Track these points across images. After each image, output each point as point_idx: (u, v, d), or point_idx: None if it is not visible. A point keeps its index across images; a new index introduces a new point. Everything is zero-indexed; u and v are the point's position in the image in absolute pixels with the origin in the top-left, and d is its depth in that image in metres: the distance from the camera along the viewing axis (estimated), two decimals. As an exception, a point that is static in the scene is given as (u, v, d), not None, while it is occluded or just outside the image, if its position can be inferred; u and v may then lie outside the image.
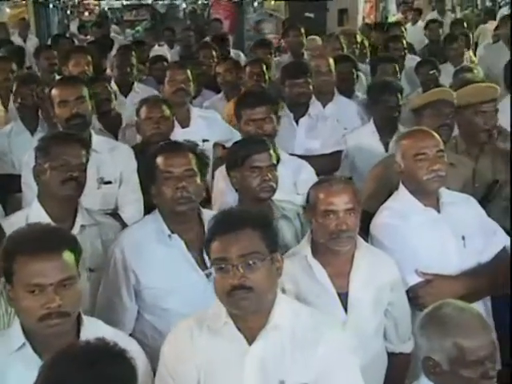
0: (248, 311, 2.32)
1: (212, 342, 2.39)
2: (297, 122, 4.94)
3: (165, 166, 3.04)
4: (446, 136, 3.87)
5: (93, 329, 2.33)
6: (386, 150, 4.64)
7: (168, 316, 2.91)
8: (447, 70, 6.43)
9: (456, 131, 4.19)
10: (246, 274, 2.27)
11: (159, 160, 3.06)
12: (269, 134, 3.95)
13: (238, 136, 4.26)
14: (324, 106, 5.34)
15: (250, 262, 2.28)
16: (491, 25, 10.48)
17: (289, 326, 2.38)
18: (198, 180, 3.07)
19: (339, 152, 4.86)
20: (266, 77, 5.59)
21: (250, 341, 2.37)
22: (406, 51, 7.00)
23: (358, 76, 5.90)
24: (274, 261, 2.36)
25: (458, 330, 2.38)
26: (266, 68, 5.69)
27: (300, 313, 2.45)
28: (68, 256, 2.29)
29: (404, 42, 7.04)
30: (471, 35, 8.75)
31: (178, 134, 4.34)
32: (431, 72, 6.00)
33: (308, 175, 4.00)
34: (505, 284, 3.35)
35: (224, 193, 3.80)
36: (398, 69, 5.80)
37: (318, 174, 4.40)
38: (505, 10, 14.10)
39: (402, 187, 3.43)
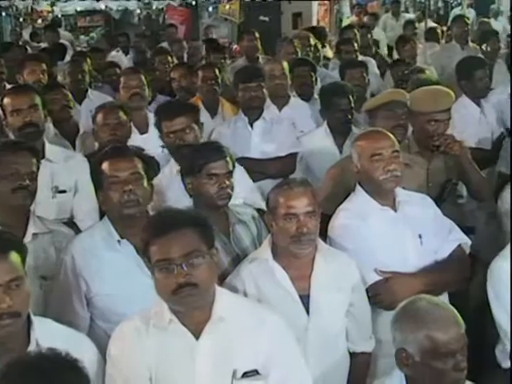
0: (194, 307, 2.40)
1: (160, 340, 2.44)
2: (252, 125, 4.95)
3: (111, 171, 3.06)
4: (401, 136, 3.91)
5: (44, 328, 2.37)
6: (341, 152, 4.67)
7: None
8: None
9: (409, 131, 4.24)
10: (189, 271, 2.35)
11: (105, 165, 3.09)
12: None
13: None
14: (280, 110, 5.37)
15: (193, 260, 2.37)
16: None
17: (232, 316, 2.46)
18: (145, 183, 3.09)
19: (295, 154, 4.88)
20: (219, 81, 5.60)
21: (197, 335, 2.43)
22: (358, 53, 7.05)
23: (316, 79, 5.92)
24: (212, 256, 2.45)
25: (430, 322, 2.43)
26: (220, 72, 5.69)
27: (240, 302, 2.59)
28: (15, 257, 2.32)
29: (356, 45, 7.10)
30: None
31: (137, 140, 4.31)
32: (405, 72, 6.09)
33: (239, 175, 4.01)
34: (461, 281, 3.42)
35: None
36: (365, 73, 5.84)
37: (273, 177, 4.44)
38: (457, 11, 14.34)
39: (358, 188, 3.46)
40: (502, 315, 2.96)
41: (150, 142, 4.19)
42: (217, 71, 5.63)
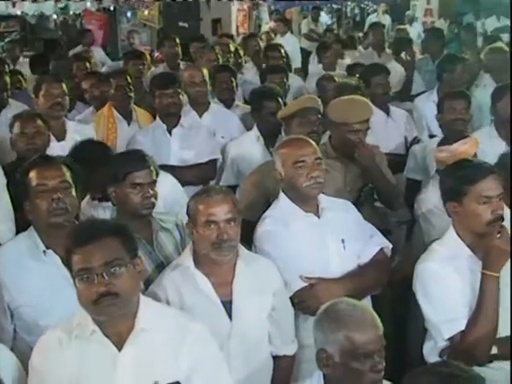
0: (115, 316, 2.40)
1: (82, 351, 2.43)
2: (170, 132, 4.93)
3: (38, 180, 3.05)
4: (315, 142, 3.96)
5: None
6: (271, 155, 4.68)
7: None
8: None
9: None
10: (110, 280, 2.36)
11: (32, 174, 3.07)
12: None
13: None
14: (200, 116, 5.37)
15: (114, 269, 2.37)
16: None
17: (156, 326, 2.47)
18: (73, 192, 3.08)
19: (214, 161, 4.91)
20: (132, 88, 5.57)
21: (120, 346, 2.43)
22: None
23: (237, 85, 5.95)
24: (135, 265, 2.45)
25: (350, 324, 2.48)
26: (136, 78, 5.65)
27: (164, 312, 2.59)
28: None
29: (282, 50, 7.16)
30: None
31: (54, 148, 4.28)
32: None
33: (170, 186, 4.03)
34: (383, 284, 3.48)
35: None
36: (285, 79, 5.89)
37: (193, 184, 4.44)
38: (373, 17, 14.64)
39: (282, 195, 3.49)
40: (432, 312, 3.02)
41: (67, 149, 4.14)
42: (129, 78, 5.60)
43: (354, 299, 2.73)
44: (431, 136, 5.48)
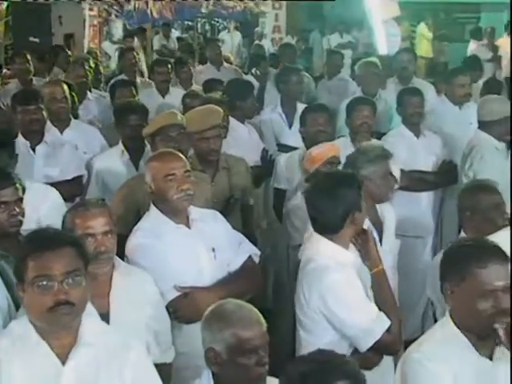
0: (67, 326, 2.42)
1: (26, 362, 2.41)
2: (34, 149, 4.88)
3: None
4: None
5: None
6: (137, 169, 4.73)
7: None
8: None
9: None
10: (69, 290, 2.39)
11: None
12: None
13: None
14: (61, 132, 5.33)
15: (74, 279, 2.40)
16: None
17: (99, 341, 2.48)
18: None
19: (80, 177, 4.89)
20: None
21: (64, 359, 2.43)
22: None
23: (81, 100, 6.03)
24: (86, 277, 2.49)
25: (236, 322, 2.58)
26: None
27: (105, 327, 2.63)
28: None
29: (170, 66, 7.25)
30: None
31: None
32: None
33: (53, 202, 4.01)
34: (253, 290, 3.60)
35: None
36: (135, 91, 5.97)
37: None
38: (224, 34, 14.92)
39: (153, 207, 3.56)
40: (349, 315, 3.14)
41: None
42: None
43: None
44: (279, 145, 5.79)
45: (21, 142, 4.84)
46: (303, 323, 3.28)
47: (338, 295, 3.14)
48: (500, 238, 2.99)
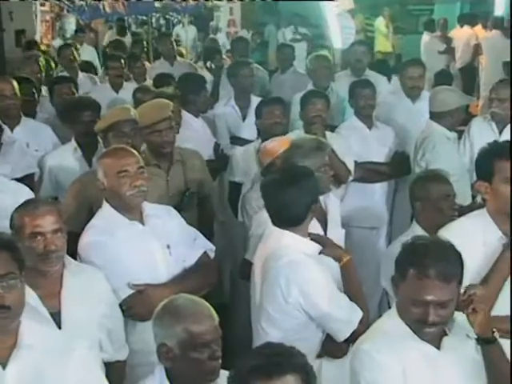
0: (4, 330, 2.41)
1: None
2: (-17, 148, 4.80)
3: None
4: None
5: None
6: (90, 166, 4.68)
7: None
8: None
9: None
10: (4, 294, 2.38)
11: None
12: None
13: None
14: (12, 130, 5.24)
15: (8, 282, 2.39)
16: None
17: (40, 343, 2.46)
18: None
19: (31, 175, 4.82)
20: None
21: (4, 364, 2.40)
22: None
23: (39, 97, 5.90)
24: (22, 280, 2.47)
25: (187, 316, 2.58)
26: None
27: (47, 329, 2.63)
28: None
29: (122, 61, 7.19)
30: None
31: None
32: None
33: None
34: (209, 285, 3.60)
35: None
36: (74, 88, 5.93)
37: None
38: (178, 28, 14.86)
39: (105, 204, 3.52)
40: (332, 308, 3.16)
41: None
42: None
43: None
44: (233, 138, 5.81)
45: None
46: (273, 319, 3.24)
47: (319, 289, 3.17)
48: (451, 233, 3.08)
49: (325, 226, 3.90)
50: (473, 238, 3.07)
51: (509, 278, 3.08)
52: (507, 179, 3.12)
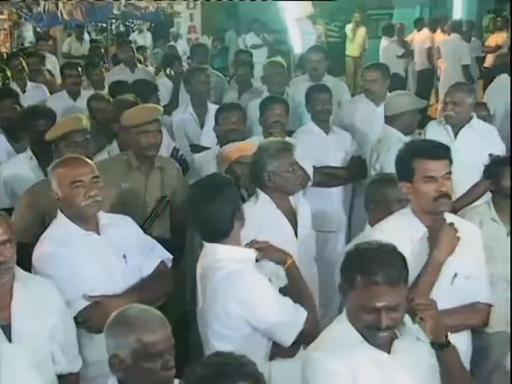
0: None
1: None
2: None
3: None
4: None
5: None
6: (46, 175, 4.63)
7: None
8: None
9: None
10: None
11: None
12: None
13: None
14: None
15: None
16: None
17: None
18: None
19: None
20: None
21: None
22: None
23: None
24: None
25: (139, 326, 2.55)
26: None
27: None
28: None
29: (80, 68, 7.16)
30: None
31: None
32: None
33: None
34: (166, 294, 3.60)
35: None
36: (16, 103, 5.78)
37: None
38: (135, 35, 14.81)
39: (60, 214, 3.48)
40: (274, 314, 3.10)
41: None
42: None
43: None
44: (192, 146, 5.81)
45: None
46: (221, 335, 3.14)
47: (258, 297, 3.10)
48: (381, 231, 3.21)
49: (295, 228, 3.94)
50: (401, 235, 3.09)
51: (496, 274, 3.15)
52: (427, 178, 3.18)
